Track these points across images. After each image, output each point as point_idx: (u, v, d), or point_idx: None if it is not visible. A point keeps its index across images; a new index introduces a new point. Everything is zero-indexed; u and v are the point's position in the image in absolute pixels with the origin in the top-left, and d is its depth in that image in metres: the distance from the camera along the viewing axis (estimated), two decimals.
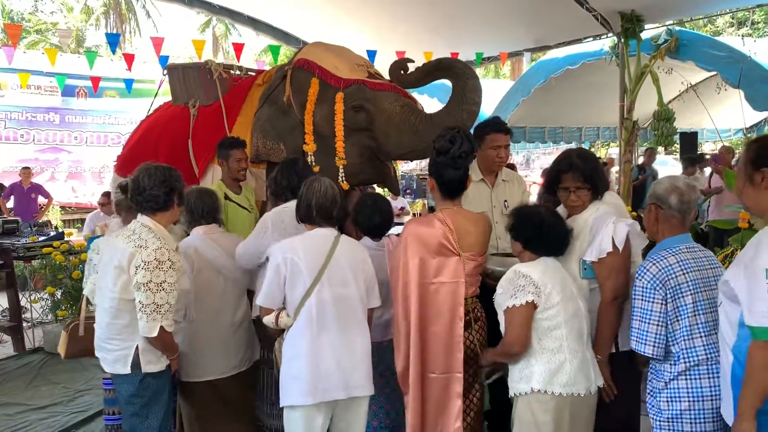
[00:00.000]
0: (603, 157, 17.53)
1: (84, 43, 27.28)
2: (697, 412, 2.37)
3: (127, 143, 5.29)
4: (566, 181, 2.77)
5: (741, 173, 2.16)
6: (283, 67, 4.22)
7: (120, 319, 2.73)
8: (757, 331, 1.97)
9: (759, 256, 1.99)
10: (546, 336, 2.55)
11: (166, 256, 2.65)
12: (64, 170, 13.44)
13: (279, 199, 3.32)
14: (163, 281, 2.63)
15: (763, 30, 18.95)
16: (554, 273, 2.61)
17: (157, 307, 2.63)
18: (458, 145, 2.80)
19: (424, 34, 8.07)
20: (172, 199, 2.80)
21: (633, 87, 7.34)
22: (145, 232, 2.71)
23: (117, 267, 2.68)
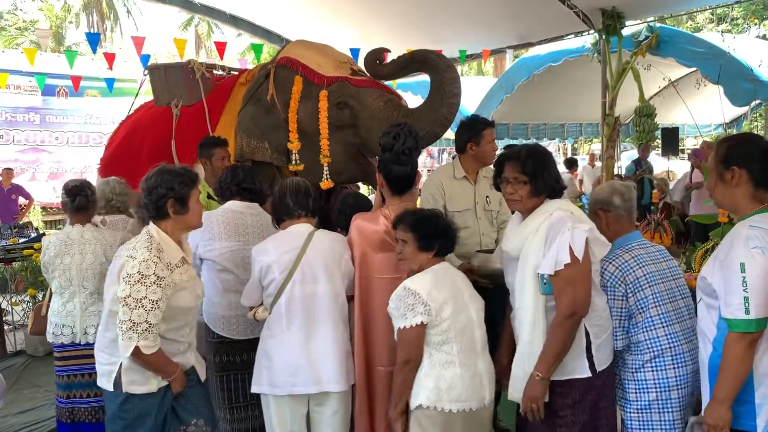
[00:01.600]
0: (585, 154, 17.67)
1: (64, 42, 26.97)
2: (665, 402, 2.49)
3: (109, 144, 5.25)
4: (507, 170, 2.52)
5: (712, 172, 2.24)
6: (267, 65, 4.21)
7: (108, 332, 2.56)
8: (732, 323, 2.06)
9: (733, 250, 2.08)
10: (437, 351, 2.49)
11: (151, 270, 2.39)
12: (45, 171, 13.29)
13: (224, 198, 3.34)
14: (143, 297, 2.38)
15: (742, 26, 19.17)
16: (445, 282, 2.53)
17: (133, 325, 2.38)
18: (402, 141, 2.89)
19: (407, 32, 8.07)
20: (163, 206, 2.50)
21: (614, 83, 7.39)
22: (142, 241, 2.48)
23: (111, 274, 2.55)
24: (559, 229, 2.37)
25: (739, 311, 2.04)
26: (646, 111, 7.67)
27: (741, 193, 2.17)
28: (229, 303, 3.17)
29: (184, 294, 2.55)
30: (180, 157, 4.37)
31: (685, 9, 8.83)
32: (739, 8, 17.24)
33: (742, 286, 2.04)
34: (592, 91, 8.03)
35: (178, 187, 2.49)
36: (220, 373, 3.21)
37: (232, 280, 3.18)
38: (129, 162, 4.67)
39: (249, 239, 3.19)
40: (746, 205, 2.17)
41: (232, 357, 3.21)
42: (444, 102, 3.64)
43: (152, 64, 5.26)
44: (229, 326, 3.19)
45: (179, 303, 2.53)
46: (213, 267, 3.19)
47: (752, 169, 2.14)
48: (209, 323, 3.21)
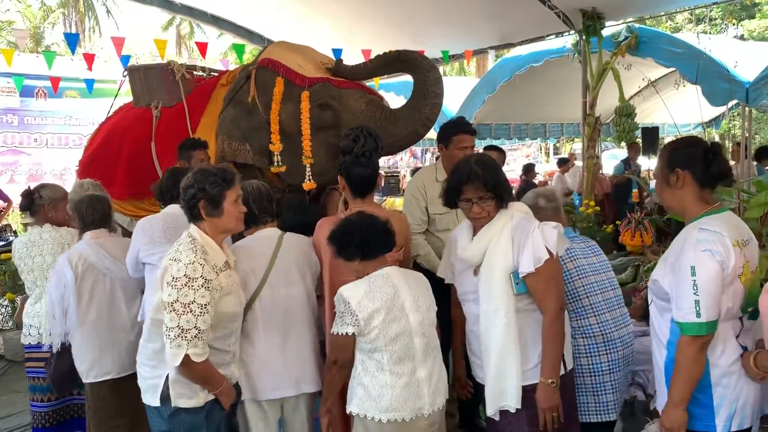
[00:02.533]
0: (566, 153, 17.80)
1: (42, 42, 26.63)
2: (599, 385, 2.66)
3: (88, 146, 5.20)
4: (468, 192, 2.45)
5: (658, 176, 2.31)
6: (248, 67, 4.19)
7: (152, 342, 2.42)
8: (684, 326, 2.09)
9: (684, 253, 2.12)
10: (368, 358, 2.48)
11: (198, 273, 2.26)
12: (23, 173, 13.10)
13: (165, 201, 3.33)
14: (191, 302, 2.23)
15: (720, 26, 19.42)
16: (381, 290, 2.46)
17: (182, 332, 2.22)
18: (361, 143, 2.93)
19: (390, 32, 8.07)
20: (194, 207, 2.39)
21: (595, 83, 7.45)
22: (185, 243, 2.36)
23: (156, 278, 2.40)
24: (527, 228, 2.42)
25: (691, 315, 2.06)
26: (626, 111, 7.72)
27: (687, 194, 2.22)
28: None
29: (230, 299, 2.44)
30: (160, 159, 4.34)
31: (664, 10, 8.93)
32: (718, 9, 17.47)
33: (692, 290, 2.06)
34: (573, 91, 8.08)
35: (209, 188, 2.37)
36: None
37: None
38: (108, 164, 4.63)
39: None
40: (693, 207, 2.22)
41: None
42: (426, 102, 3.65)
43: (131, 65, 5.22)
44: None
45: (226, 308, 2.40)
46: (155, 271, 3.10)
47: (695, 170, 2.19)
48: None
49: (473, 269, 2.50)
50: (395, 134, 3.71)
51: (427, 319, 2.54)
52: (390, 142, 3.74)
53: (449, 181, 2.54)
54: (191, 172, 2.45)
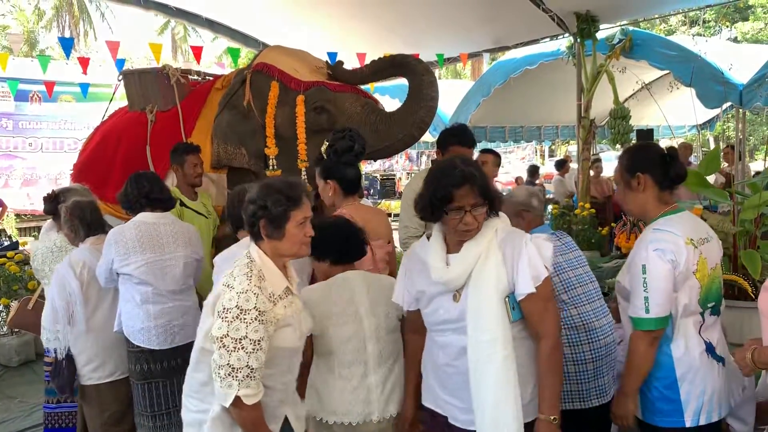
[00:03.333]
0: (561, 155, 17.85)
1: (37, 46, 26.59)
2: (581, 373, 2.65)
3: (83, 150, 5.19)
4: (460, 198, 2.04)
5: (619, 183, 2.40)
6: (243, 71, 4.20)
7: (199, 373, 2.17)
8: (635, 321, 2.21)
9: (637, 253, 2.24)
10: (322, 360, 2.48)
11: (251, 303, 1.97)
12: (18, 177, 13.08)
13: (134, 211, 3.31)
14: (242, 337, 1.94)
15: (714, 29, 19.52)
16: (337, 293, 2.46)
17: (232, 371, 1.95)
18: (358, 142, 3.01)
19: (385, 36, 8.09)
20: (255, 225, 2.11)
21: (589, 86, 7.49)
22: (241, 267, 2.08)
23: (207, 305, 2.13)
24: (518, 242, 2.11)
25: (641, 311, 2.18)
26: (620, 113, 7.76)
27: (648, 197, 2.31)
28: (147, 314, 3.19)
29: (288, 332, 2.15)
30: (155, 164, 4.33)
31: (658, 12, 8.98)
32: (711, 11, 17.56)
33: (643, 287, 2.18)
34: (568, 94, 8.12)
35: (271, 206, 2.07)
36: (142, 381, 3.22)
37: (150, 291, 3.20)
38: (102, 168, 4.62)
39: (165, 249, 3.23)
40: (653, 209, 2.31)
41: (153, 365, 3.21)
42: (421, 106, 3.67)
43: (126, 69, 5.21)
44: (149, 337, 3.20)
45: (282, 343, 2.12)
46: (130, 280, 3.20)
47: (655, 173, 2.28)
48: (128, 336, 3.22)
49: (452, 294, 2.12)
50: (390, 137, 3.72)
51: (384, 325, 2.49)
52: (385, 145, 3.76)
53: (433, 187, 2.07)
54: (257, 185, 2.16)
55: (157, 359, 3.22)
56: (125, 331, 3.23)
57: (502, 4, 7.12)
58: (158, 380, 3.23)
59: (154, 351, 3.21)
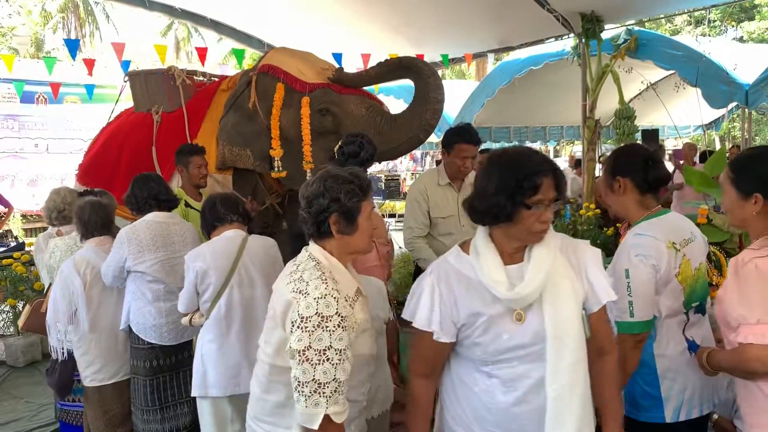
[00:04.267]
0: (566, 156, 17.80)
1: (43, 48, 26.69)
2: None
3: (88, 151, 5.21)
4: (545, 191, 1.72)
5: (603, 182, 2.44)
6: (248, 72, 4.21)
7: (271, 394, 1.95)
8: (620, 324, 2.22)
9: (620, 258, 2.27)
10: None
11: (332, 309, 1.78)
12: (24, 178, 13.12)
13: (142, 212, 3.36)
14: (326, 347, 1.75)
15: (719, 29, 19.45)
16: None
17: (318, 387, 1.75)
18: (366, 149, 3.04)
19: (389, 36, 8.09)
20: (324, 222, 1.91)
21: (594, 86, 7.47)
22: (309, 270, 1.88)
23: (271, 317, 1.94)
24: (580, 247, 1.89)
25: (625, 314, 2.19)
26: (625, 113, 7.74)
27: (629, 200, 2.34)
28: (159, 311, 3.27)
29: (366, 337, 1.99)
30: (161, 165, 4.35)
31: (663, 12, 8.95)
32: (717, 11, 17.50)
33: (627, 291, 2.18)
34: (573, 94, 8.10)
35: (345, 198, 1.89)
36: (151, 376, 3.29)
37: (162, 289, 3.28)
38: (108, 168, 4.63)
39: (176, 248, 3.31)
40: (635, 212, 2.34)
41: (162, 361, 3.30)
42: (427, 108, 3.66)
43: (132, 71, 5.23)
44: (161, 334, 3.28)
45: (362, 350, 1.95)
46: (142, 278, 3.26)
47: (635, 177, 2.30)
48: (139, 333, 3.28)
49: (513, 314, 1.76)
50: (396, 139, 3.73)
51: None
52: (390, 147, 3.76)
53: (515, 177, 1.70)
54: (318, 179, 1.95)
55: (168, 354, 3.31)
56: (135, 328, 3.27)
57: (506, 4, 7.11)
58: (166, 374, 3.32)
59: (164, 347, 3.28)
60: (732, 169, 2.06)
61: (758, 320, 1.82)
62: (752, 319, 1.83)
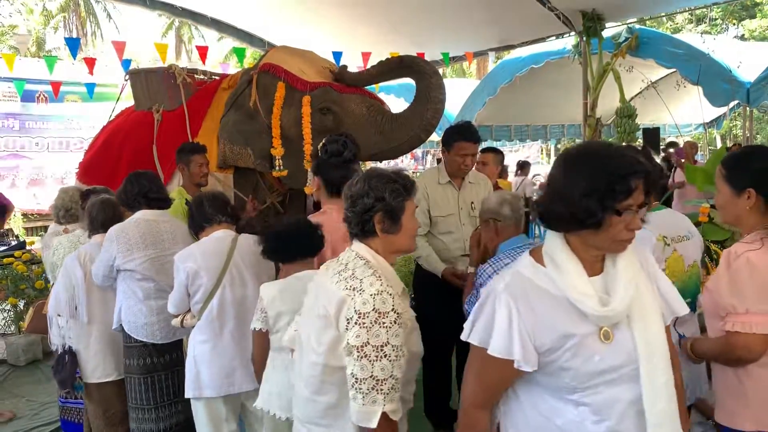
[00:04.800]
0: None
1: (44, 47, 26.70)
2: None
3: (89, 149, 5.21)
4: (637, 195, 1.50)
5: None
6: (249, 71, 4.20)
7: (325, 395, 1.91)
8: None
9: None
10: (276, 355, 2.49)
11: (389, 305, 1.78)
12: (25, 177, 13.13)
13: (132, 208, 3.36)
14: (384, 343, 1.75)
15: (720, 27, 19.42)
16: (295, 292, 2.41)
17: (376, 383, 1.74)
18: (349, 149, 3.02)
19: (390, 35, 8.08)
20: (369, 221, 1.92)
21: (595, 85, 7.46)
22: (360, 268, 1.88)
23: (322, 316, 1.89)
24: (645, 254, 1.74)
25: None
26: (627, 112, 7.73)
27: None
28: (150, 309, 3.26)
29: (416, 335, 2.02)
30: (161, 163, 4.35)
31: (665, 11, 8.94)
32: (718, 9, 17.47)
33: None
34: (574, 93, 8.09)
35: (390, 197, 1.90)
36: (145, 374, 3.28)
37: (153, 287, 3.27)
38: (108, 167, 4.63)
39: (165, 246, 3.30)
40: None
41: (156, 359, 3.29)
42: (429, 107, 3.65)
43: (133, 69, 5.22)
44: (153, 332, 3.27)
45: (413, 347, 1.96)
46: (132, 277, 3.25)
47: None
48: (131, 332, 3.26)
49: (599, 332, 1.54)
50: (396, 139, 3.72)
51: None
52: (391, 146, 3.76)
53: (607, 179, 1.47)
54: (363, 178, 1.96)
55: (161, 353, 3.30)
56: (126, 327, 3.28)
57: (507, 2, 7.11)
58: (160, 373, 3.31)
59: (156, 345, 3.28)
60: (725, 167, 2.11)
61: (747, 310, 1.90)
62: (741, 308, 1.91)
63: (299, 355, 2.02)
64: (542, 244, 1.64)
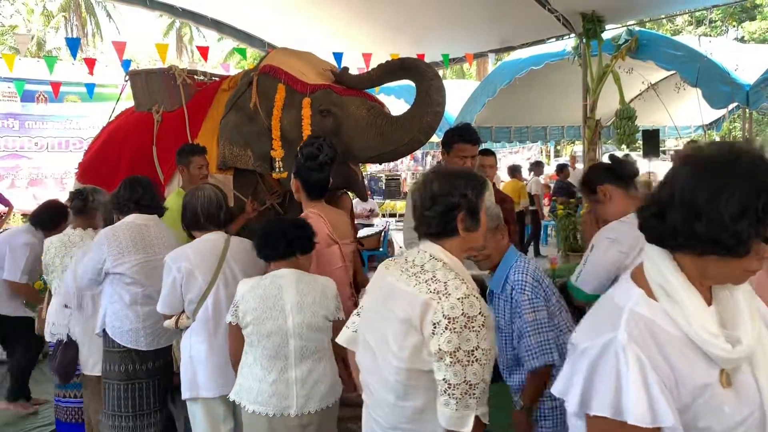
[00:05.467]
0: (567, 155, 17.81)
1: (44, 47, 26.70)
2: None
3: (88, 150, 5.22)
4: None
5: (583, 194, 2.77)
6: (249, 73, 4.20)
7: (411, 400, 1.84)
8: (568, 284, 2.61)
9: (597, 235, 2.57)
10: (249, 350, 2.57)
11: (476, 309, 1.75)
12: (24, 177, 13.11)
13: (123, 213, 3.36)
14: (475, 347, 1.72)
15: (720, 29, 19.43)
16: (265, 290, 2.55)
17: (469, 388, 1.72)
18: (324, 152, 3.13)
19: (390, 36, 8.09)
20: (453, 219, 1.85)
21: (595, 87, 7.47)
22: (441, 270, 1.82)
23: (403, 320, 1.81)
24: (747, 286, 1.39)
25: (573, 276, 2.52)
26: (626, 114, 7.74)
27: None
28: (136, 315, 3.23)
29: (492, 336, 1.95)
30: (161, 164, 4.35)
31: (665, 12, 8.95)
32: (718, 11, 17.49)
33: (584, 261, 2.51)
34: (574, 94, 8.09)
35: (472, 195, 1.86)
36: (126, 381, 3.23)
37: (141, 292, 3.24)
38: (109, 167, 4.64)
39: (155, 250, 3.28)
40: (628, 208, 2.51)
41: (138, 365, 3.24)
42: (429, 110, 3.65)
43: (133, 70, 5.23)
44: (138, 338, 3.23)
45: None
46: (121, 280, 3.22)
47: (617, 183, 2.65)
48: (114, 337, 3.23)
49: (720, 376, 1.25)
50: (396, 141, 3.72)
51: (308, 322, 2.54)
52: (391, 149, 3.76)
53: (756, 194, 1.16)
54: (441, 177, 1.89)
55: (143, 360, 3.24)
56: (110, 332, 3.23)
57: (507, 4, 7.11)
58: (141, 381, 3.25)
59: (140, 352, 3.22)
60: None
61: None
62: None
63: (371, 359, 1.94)
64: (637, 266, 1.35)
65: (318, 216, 3.05)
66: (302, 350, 2.53)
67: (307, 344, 2.54)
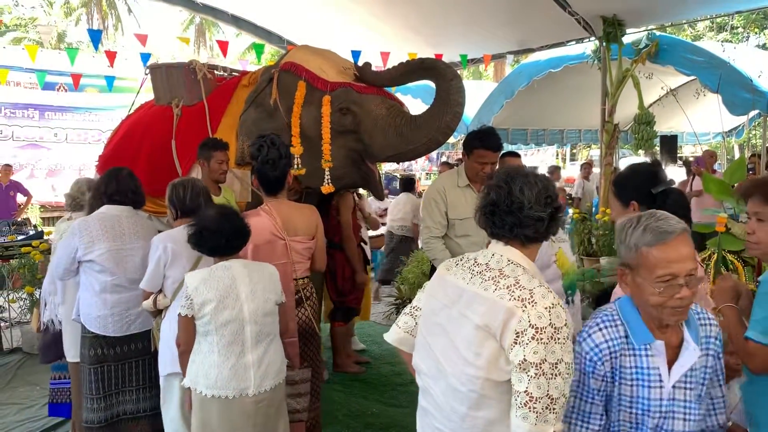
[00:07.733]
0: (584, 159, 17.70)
1: (65, 39, 26.99)
2: None
3: (108, 142, 5.25)
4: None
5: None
6: (270, 69, 4.21)
7: (485, 410, 1.74)
8: None
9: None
10: (203, 339, 2.68)
11: (562, 320, 1.65)
12: (43, 168, 13.26)
13: (96, 204, 3.49)
14: (559, 360, 1.64)
15: (742, 35, 19.23)
16: (218, 280, 2.67)
17: (551, 402, 1.63)
18: (265, 152, 3.23)
19: (408, 35, 8.10)
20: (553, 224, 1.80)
21: (614, 91, 7.43)
22: (523, 276, 1.72)
23: (481, 327, 1.71)
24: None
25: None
26: (645, 119, 7.69)
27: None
28: (104, 303, 3.37)
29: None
30: (180, 158, 4.37)
31: (686, 18, 8.86)
32: (739, 17, 17.30)
33: None
34: (592, 98, 8.07)
35: (555, 198, 1.79)
36: (96, 365, 3.40)
37: (110, 281, 3.37)
38: (128, 160, 4.65)
39: (125, 240, 3.42)
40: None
41: (106, 350, 3.41)
42: (448, 111, 3.65)
43: (153, 63, 5.25)
44: (105, 324, 3.38)
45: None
46: (92, 268, 3.37)
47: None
48: (85, 322, 3.41)
49: None
50: (415, 141, 3.72)
51: (262, 308, 2.73)
52: (409, 148, 3.76)
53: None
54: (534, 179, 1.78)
55: (111, 345, 3.41)
56: (82, 318, 3.41)
57: (527, 6, 7.10)
58: (110, 364, 3.43)
59: (108, 337, 3.39)
60: (614, 185, 2.51)
61: None
62: None
63: (434, 365, 1.83)
64: None
65: (268, 212, 3.22)
66: (257, 335, 2.72)
67: (262, 328, 2.73)
